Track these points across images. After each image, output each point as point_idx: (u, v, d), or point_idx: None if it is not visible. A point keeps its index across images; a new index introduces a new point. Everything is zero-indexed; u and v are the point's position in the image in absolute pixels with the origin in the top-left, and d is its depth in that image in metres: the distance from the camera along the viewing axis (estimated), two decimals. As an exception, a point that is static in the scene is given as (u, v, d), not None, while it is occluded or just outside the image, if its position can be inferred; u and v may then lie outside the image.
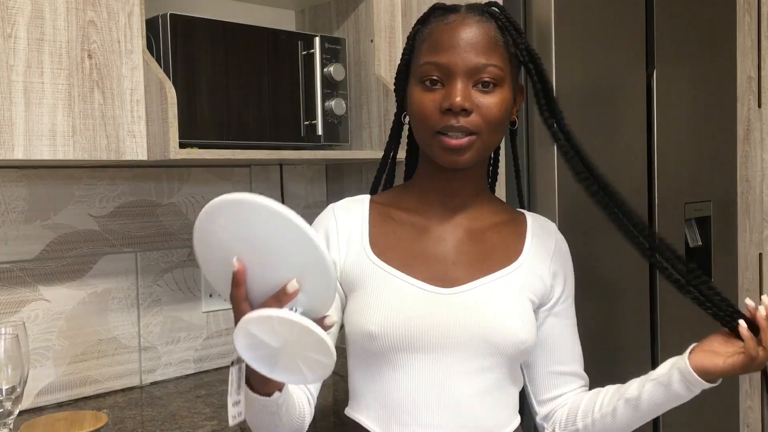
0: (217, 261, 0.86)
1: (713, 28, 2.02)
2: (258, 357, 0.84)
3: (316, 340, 0.81)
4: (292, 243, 0.82)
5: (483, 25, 1.04)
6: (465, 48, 1.03)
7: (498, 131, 1.06)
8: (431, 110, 1.04)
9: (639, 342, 1.74)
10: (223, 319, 1.84)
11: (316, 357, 0.83)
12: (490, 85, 1.03)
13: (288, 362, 0.84)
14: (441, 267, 1.09)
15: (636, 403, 1.10)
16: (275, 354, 0.84)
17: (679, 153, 1.87)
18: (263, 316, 0.81)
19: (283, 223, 0.81)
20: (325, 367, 0.84)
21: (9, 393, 1.17)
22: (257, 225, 0.82)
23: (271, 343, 0.83)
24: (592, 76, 1.60)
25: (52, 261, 1.56)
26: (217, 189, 1.82)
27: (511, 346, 1.06)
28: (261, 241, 0.83)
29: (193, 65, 1.41)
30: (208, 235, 0.85)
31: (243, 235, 0.83)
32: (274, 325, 0.81)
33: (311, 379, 0.85)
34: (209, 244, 0.86)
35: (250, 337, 0.83)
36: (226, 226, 0.83)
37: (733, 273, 2.14)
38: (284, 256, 0.83)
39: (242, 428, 1.38)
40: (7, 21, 1.22)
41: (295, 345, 0.82)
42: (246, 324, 0.82)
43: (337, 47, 1.63)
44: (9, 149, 1.22)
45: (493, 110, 1.03)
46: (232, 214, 0.82)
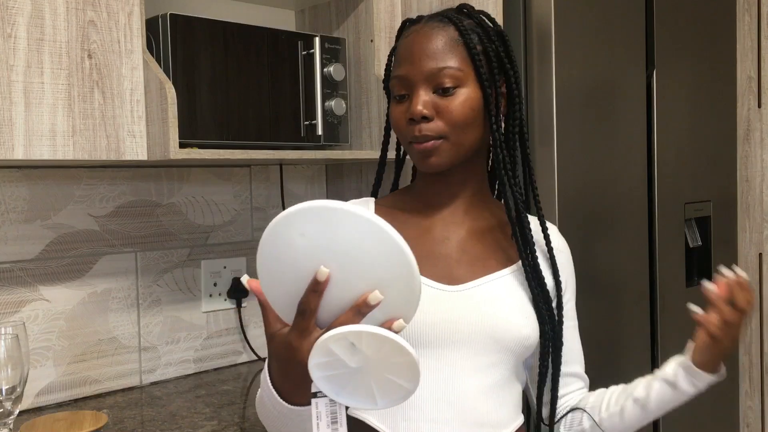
0: (285, 273, 0.81)
1: (713, 28, 2.02)
2: (328, 378, 0.79)
3: (406, 362, 0.76)
4: (381, 254, 0.77)
5: (439, 31, 1.07)
6: (420, 56, 1.05)
7: (468, 131, 1.06)
8: (401, 122, 1.08)
9: (639, 342, 1.74)
10: (223, 319, 1.84)
11: (397, 381, 0.78)
12: (451, 89, 1.05)
13: (360, 385, 0.79)
14: (445, 265, 1.10)
15: (644, 402, 1.12)
16: (348, 376, 0.78)
17: (679, 153, 1.87)
18: (353, 332, 0.76)
19: (373, 232, 0.77)
20: (404, 393, 0.79)
21: (9, 393, 1.17)
22: (344, 233, 0.77)
23: (350, 362, 0.77)
24: (592, 76, 1.60)
25: (52, 261, 1.56)
26: (217, 189, 1.82)
27: (515, 342, 1.07)
28: (344, 251, 0.78)
29: (193, 65, 1.41)
30: (281, 243, 0.79)
31: (325, 243, 0.78)
32: (362, 342, 0.76)
33: (381, 405, 0.80)
34: (280, 254, 0.80)
35: (327, 356, 0.77)
36: (307, 233, 0.78)
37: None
38: (368, 267, 0.78)
39: (242, 428, 1.38)
40: (7, 21, 1.22)
41: (376, 366, 0.77)
42: (327, 341, 0.76)
43: (337, 47, 1.63)
44: (9, 149, 1.22)
45: (454, 113, 1.04)
46: (317, 220, 0.77)
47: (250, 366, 1.84)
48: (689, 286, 1.92)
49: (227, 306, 1.84)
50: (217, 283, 1.82)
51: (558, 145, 1.52)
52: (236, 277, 1.85)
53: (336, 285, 0.79)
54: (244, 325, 1.87)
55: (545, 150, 1.52)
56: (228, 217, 1.85)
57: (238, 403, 1.53)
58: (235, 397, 1.58)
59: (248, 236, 1.89)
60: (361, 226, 0.77)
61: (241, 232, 1.87)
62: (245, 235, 1.88)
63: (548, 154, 1.52)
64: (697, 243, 1.98)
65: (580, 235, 1.57)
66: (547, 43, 1.51)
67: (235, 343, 1.86)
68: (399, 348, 0.76)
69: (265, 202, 1.92)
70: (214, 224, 1.82)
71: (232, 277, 1.85)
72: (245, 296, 1.86)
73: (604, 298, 1.64)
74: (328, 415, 0.84)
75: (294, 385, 0.86)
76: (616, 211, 1.67)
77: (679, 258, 1.88)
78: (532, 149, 1.54)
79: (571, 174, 1.55)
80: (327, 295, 0.80)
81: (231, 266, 1.85)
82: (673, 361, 1.13)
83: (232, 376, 1.75)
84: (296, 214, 0.78)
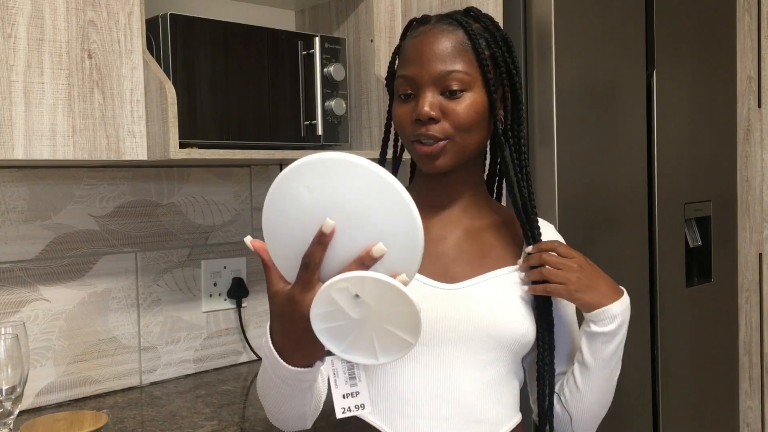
0: (290, 227, 0.81)
1: (713, 28, 2.02)
2: (329, 330, 0.78)
3: (407, 312, 0.76)
4: (386, 207, 0.78)
5: (449, 34, 1.08)
6: (429, 58, 1.06)
7: (472, 133, 1.08)
8: (406, 121, 1.09)
9: (639, 342, 1.74)
10: (223, 319, 1.84)
11: (398, 333, 0.77)
12: (458, 92, 1.06)
13: (361, 338, 0.78)
14: (442, 264, 1.11)
15: (582, 361, 1.13)
16: (349, 328, 0.78)
17: (679, 153, 1.87)
18: (355, 277, 0.75)
19: (379, 185, 0.77)
20: (405, 347, 0.78)
21: (9, 393, 1.17)
22: (349, 185, 0.77)
23: (351, 313, 0.77)
24: (592, 76, 1.60)
25: (52, 261, 1.56)
26: (217, 189, 1.82)
27: (512, 340, 1.08)
28: (349, 204, 0.78)
29: (193, 65, 1.41)
30: (287, 197, 0.79)
31: (330, 196, 0.78)
32: (364, 290, 0.75)
33: (381, 359, 0.79)
34: (286, 208, 0.80)
35: (329, 305, 0.77)
36: (313, 185, 0.78)
37: (733, 273, 2.14)
38: (372, 220, 0.78)
39: (242, 428, 1.38)
40: (7, 21, 1.22)
41: (378, 316, 0.77)
42: (330, 288, 0.76)
43: (337, 47, 1.63)
44: (9, 149, 1.22)
45: (461, 115, 1.06)
46: (324, 172, 0.77)
47: (250, 366, 1.84)
48: (689, 286, 1.92)
49: (227, 306, 1.84)
50: (217, 283, 1.82)
51: (558, 145, 1.52)
52: (236, 277, 1.85)
53: (340, 238, 0.79)
54: (244, 325, 1.87)
55: (545, 150, 1.52)
56: (228, 217, 1.85)
57: (238, 403, 1.53)
58: (235, 397, 1.58)
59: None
60: (367, 179, 0.77)
61: (241, 232, 1.87)
62: (245, 235, 1.88)
63: (548, 154, 1.52)
64: (697, 243, 1.98)
65: (580, 235, 1.57)
66: (547, 43, 1.51)
67: (235, 343, 1.86)
68: (401, 296, 0.75)
69: (265, 202, 1.91)
70: (214, 224, 1.82)
71: (232, 277, 1.85)
72: (245, 296, 1.86)
73: (604, 298, 1.64)
74: (345, 372, 0.84)
75: (296, 342, 0.86)
76: (616, 211, 1.67)
77: (679, 258, 1.88)
78: (532, 149, 1.54)
79: (571, 174, 1.55)
80: (330, 249, 0.79)
81: (231, 266, 1.85)
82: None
83: (232, 376, 1.75)
84: (303, 166, 0.78)
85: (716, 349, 2.04)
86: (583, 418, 1.16)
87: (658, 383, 1.78)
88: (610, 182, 1.65)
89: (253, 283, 1.89)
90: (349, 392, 0.84)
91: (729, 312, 2.11)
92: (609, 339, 1.10)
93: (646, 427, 1.75)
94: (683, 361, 1.88)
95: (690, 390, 1.90)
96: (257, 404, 1.52)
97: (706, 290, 2.00)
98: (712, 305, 2.02)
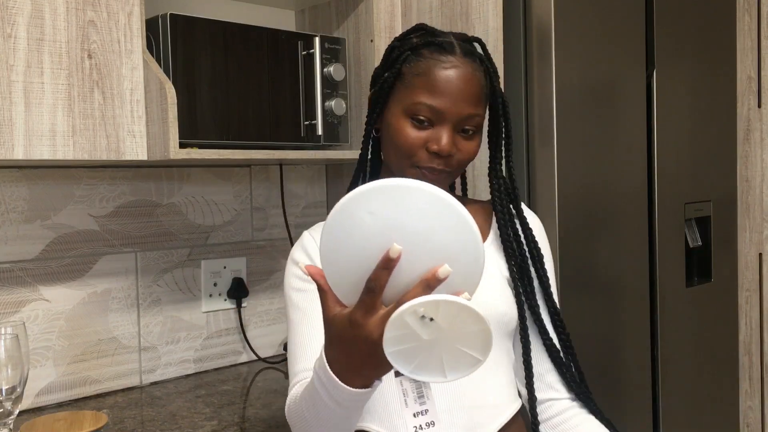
0: (351, 253, 0.82)
1: (713, 28, 2.02)
2: (399, 353, 0.79)
3: (479, 330, 0.77)
4: (448, 229, 0.80)
5: (476, 75, 1.11)
6: (460, 97, 1.09)
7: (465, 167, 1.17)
8: (417, 147, 1.10)
9: (639, 342, 1.74)
10: (223, 319, 1.84)
11: (468, 351, 0.78)
12: (470, 132, 1.11)
13: (430, 358, 0.79)
14: None
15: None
16: (419, 349, 0.79)
17: (679, 153, 1.87)
18: (430, 301, 0.76)
19: (440, 207, 0.79)
20: (473, 364, 0.79)
21: (9, 393, 1.17)
22: (411, 209, 0.79)
23: (423, 335, 0.78)
24: (592, 76, 1.60)
25: (52, 261, 1.56)
26: (217, 189, 1.82)
27: (494, 320, 1.12)
28: (412, 227, 0.80)
29: (193, 65, 1.41)
30: (349, 224, 0.81)
31: (393, 220, 0.80)
32: (438, 312, 0.76)
33: (450, 377, 0.80)
34: (348, 234, 0.82)
35: (401, 329, 0.78)
36: (375, 211, 0.80)
37: (733, 273, 2.14)
38: (435, 242, 0.80)
39: (242, 428, 1.38)
40: (7, 21, 1.22)
41: (448, 337, 0.78)
42: (404, 312, 0.77)
43: (337, 47, 1.63)
44: (9, 149, 1.22)
45: (470, 154, 1.13)
46: (385, 198, 0.80)
47: (250, 366, 1.84)
48: (689, 286, 1.92)
49: (227, 306, 1.84)
50: (217, 283, 1.82)
51: (558, 145, 1.52)
52: (236, 277, 1.85)
53: (403, 261, 0.80)
54: (244, 325, 1.87)
55: (545, 150, 1.52)
56: (228, 217, 1.85)
57: (238, 403, 1.53)
58: (235, 397, 1.58)
59: (248, 236, 1.89)
60: (428, 202, 0.79)
61: (241, 232, 1.87)
62: (245, 235, 1.88)
63: (548, 154, 1.52)
64: (697, 243, 1.98)
65: (580, 235, 1.57)
66: (547, 43, 1.51)
67: (235, 343, 1.86)
68: (474, 316, 0.76)
69: (265, 202, 1.92)
70: (214, 224, 1.82)
71: (232, 277, 1.85)
72: (245, 296, 1.86)
73: (604, 298, 1.64)
74: (414, 391, 0.86)
75: (359, 365, 0.86)
76: (616, 211, 1.67)
77: (679, 258, 1.88)
78: (532, 149, 1.54)
79: (571, 174, 1.55)
80: (398, 274, 0.81)
81: (231, 266, 1.85)
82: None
83: (232, 376, 1.75)
84: (365, 193, 0.80)
85: (716, 349, 2.04)
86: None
87: (658, 383, 1.78)
88: (610, 182, 1.65)
89: (253, 283, 1.89)
90: (419, 411, 0.86)
91: (729, 312, 2.11)
92: None
93: (646, 427, 1.74)
94: (683, 361, 1.88)
95: (690, 390, 1.90)
96: (257, 404, 1.52)
97: (706, 290, 2.00)
98: (712, 305, 2.02)
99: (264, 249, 1.92)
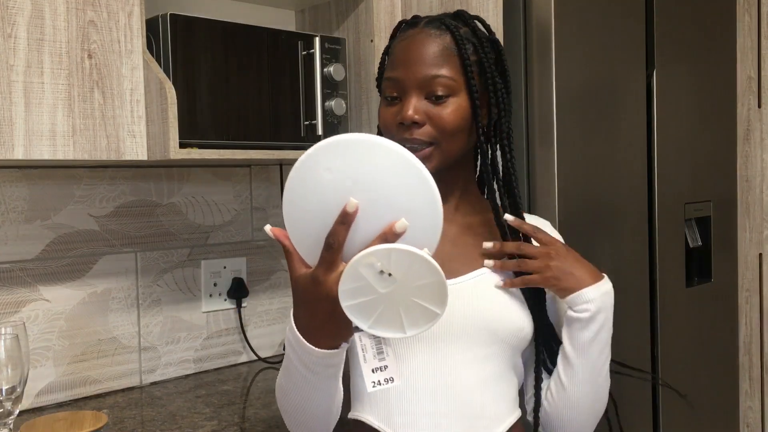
0: (311, 211, 0.82)
1: (713, 28, 2.02)
2: (357, 306, 0.79)
3: (434, 282, 0.77)
4: (405, 184, 0.80)
5: (435, 38, 1.09)
6: (415, 62, 1.07)
7: (457, 138, 1.09)
8: (391, 124, 1.10)
9: (639, 342, 1.74)
10: (223, 319, 1.84)
11: (425, 305, 0.78)
12: (443, 97, 1.07)
13: (388, 312, 0.79)
14: (438, 261, 1.11)
15: (564, 353, 1.11)
16: (376, 303, 0.79)
17: (679, 153, 1.87)
18: (382, 250, 0.77)
19: (399, 163, 0.79)
20: (431, 318, 0.79)
21: (9, 393, 1.17)
22: (368, 164, 0.79)
23: (378, 287, 0.78)
24: (592, 76, 1.60)
25: (52, 261, 1.56)
26: (217, 189, 1.82)
27: (509, 333, 1.09)
28: (369, 182, 0.79)
29: (193, 65, 1.41)
30: (308, 181, 0.81)
31: (351, 176, 0.79)
32: (391, 263, 0.77)
33: (409, 333, 0.80)
34: (307, 192, 0.82)
35: (356, 281, 0.78)
36: (333, 167, 0.80)
37: (733, 273, 2.14)
38: (392, 197, 0.80)
39: (242, 428, 1.38)
40: (7, 21, 1.22)
41: (404, 289, 0.78)
42: (357, 263, 0.77)
43: (337, 47, 1.63)
44: (9, 149, 1.22)
45: (445, 120, 1.07)
46: (342, 154, 0.79)
47: (250, 366, 1.84)
48: (689, 286, 1.92)
49: (227, 306, 1.84)
50: (217, 283, 1.82)
51: (558, 145, 1.52)
52: (236, 277, 1.85)
53: (361, 217, 0.80)
54: (244, 325, 1.87)
55: (545, 150, 1.52)
56: (228, 217, 1.85)
57: (238, 403, 1.53)
58: (235, 397, 1.58)
59: (248, 236, 1.89)
60: (387, 157, 0.79)
61: (241, 232, 1.87)
62: (245, 235, 1.88)
63: (548, 154, 1.52)
64: (697, 243, 1.98)
65: (580, 235, 1.57)
66: (547, 43, 1.51)
67: (235, 343, 1.86)
68: (427, 266, 0.76)
69: (265, 202, 1.92)
70: (214, 224, 1.82)
71: (232, 277, 1.85)
72: (245, 296, 1.86)
73: (604, 298, 1.64)
74: (373, 347, 0.86)
75: (322, 323, 0.87)
76: (616, 211, 1.67)
77: (679, 258, 1.88)
78: (532, 149, 1.54)
79: (571, 174, 1.55)
80: (352, 229, 0.81)
81: (231, 266, 1.85)
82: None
83: (232, 376, 1.75)
84: (322, 148, 0.80)
85: (716, 349, 2.04)
86: (570, 417, 1.13)
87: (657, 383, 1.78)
88: (610, 182, 1.65)
89: (253, 283, 1.89)
90: (377, 366, 0.86)
91: (729, 312, 2.11)
92: (584, 325, 1.08)
93: (646, 427, 1.75)
94: (683, 361, 1.88)
95: (690, 390, 1.90)
96: (257, 404, 1.52)
97: (706, 290, 2.00)
98: (712, 305, 2.02)
99: (264, 249, 1.92)
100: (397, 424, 1.06)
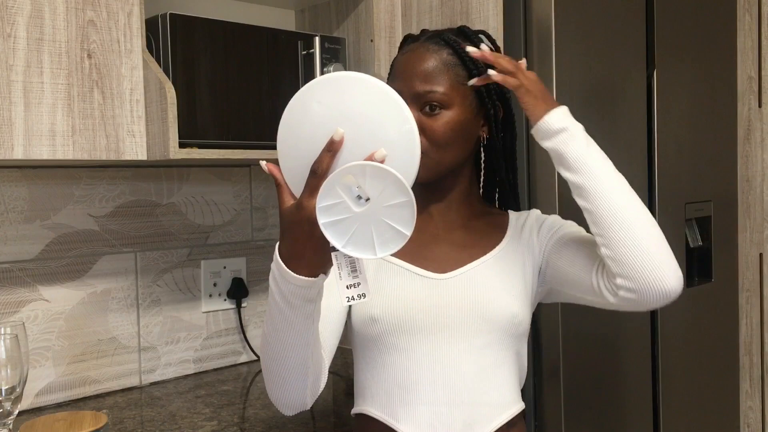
0: (302, 142, 0.89)
1: (713, 28, 2.02)
2: (333, 225, 0.85)
3: (404, 201, 0.83)
4: (386, 116, 0.87)
5: (433, 53, 1.12)
6: (411, 76, 1.12)
7: (449, 149, 1.12)
8: None
9: (639, 342, 1.74)
10: (223, 319, 1.84)
11: (395, 225, 0.84)
12: (437, 108, 1.11)
13: (361, 233, 0.85)
14: (435, 257, 1.16)
15: (572, 187, 1.13)
16: (350, 222, 0.85)
17: (679, 153, 1.87)
18: (357, 165, 0.83)
19: (380, 96, 0.87)
20: (400, 239, 0.85)
21: (9, 393, 1.17)
22: (354, 98, 0.87)
23: (353, 206, 0.84)
24: (592, 76, 1.60)
25: (52, 261, 1.56)
26: (217, 189, 1.82)
27: (505, 320, 1.12)
28: (356, 115, 0.87)
29: (193, 65, 1.41)
30: (300, 112, 0.89)
31: (338, 109, 0.87)
32: (365, 179, 0.83)
33: (380, 253, 0.86)
34: (299, 123, 0.89)
35: (333, 198, 0.84)
36: (322, 100, 0.87)
37: (733, 273, 2.14)
38: (375, 129, 0.87)
39: (242, 428, 1.38)
40: (7, 21, 1.21)
41: (376, 209, 0.84)
42: (334, 180, 0.83)
43: (337, 47, 1.63)
44: (9, 149, 1.22)
45: (437, 132, 1.11)
46: (332, 87, 0.87)
47: (250, 366, 1.84)
48: (689, 286, 1.92)
49: (227, 306, 1.84)
50: (217, 283, 1.82)
51: (558, 145, 1.51)
52: (236, 277, 1.85)
53: (347, 149, 0.87)
54: (244, 325, 1.87)
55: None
56: (228, 217, 1.85)
57: (238, 403, 1.53)
58: (235, 397, 1.57)
59: (248, 236, 1.89)
60: (370, 91, 0.87)
61: (241, 232, 1.87)
62: (245, 235, 1.88)
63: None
64: (697, 243, 1.98)
65: (580, 235, 1.57)
66: (547, 43, 1.51)
67: (235, 343, 1.86)
68: (398, 185, 0.83)
69: (265, 202, 1.92)
70: (214, 224, 1.82)
71: (232, 278, 1.85)
72: (245, 296, 1.86)
73: (604, 298, 1.64)
74: (347, 265, 0.92)
75: (302, 248, 0.90)
76: (617, 211, 1.67)
77: (680, 258, 1.87)
78: (533, 149, 1.54)
79: (571, 174, 1.55)
80: (344, 157, 0.87)
81: (231, 266, 1.85)
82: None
83: (232, 376, 1.75)
84: (315, 84, 0.88)
85: (716, 349, 2.04)
86: (613, 246, 1.08)
87: (658, 383, 1.78)
88: (610, 182, 1.65)
89: (253, 283, 1.89)
90: (351, 283, 0.91)
91: (729, 312, 2.11)
92: (568, 139, 1.10)
93: (647, 426, 1.74)
94: (683, 361, 1.88)
95: (690, 390, 1.90)
96: (257, 404, 1.52)
97: (707, 290, 2.00)
98: (713, 305, 2.02)
99: (264, 249, 1.92)
100: (398, 414, 1.10)
